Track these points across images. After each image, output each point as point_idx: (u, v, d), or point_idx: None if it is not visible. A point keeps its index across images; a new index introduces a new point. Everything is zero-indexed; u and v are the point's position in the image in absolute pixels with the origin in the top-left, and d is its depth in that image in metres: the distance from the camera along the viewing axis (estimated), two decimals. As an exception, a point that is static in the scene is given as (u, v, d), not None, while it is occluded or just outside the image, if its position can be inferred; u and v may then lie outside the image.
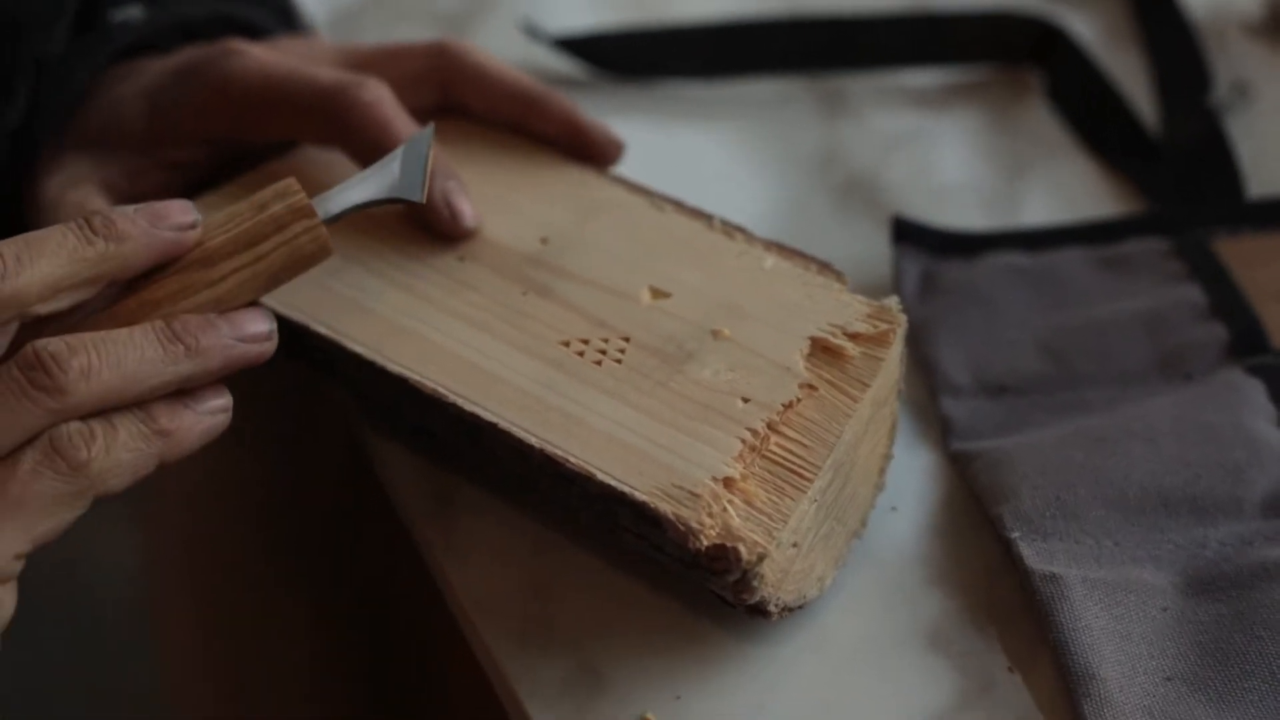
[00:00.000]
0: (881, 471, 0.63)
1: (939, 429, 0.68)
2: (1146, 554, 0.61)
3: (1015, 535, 0.61)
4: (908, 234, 0.74)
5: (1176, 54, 0.85)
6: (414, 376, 0.60)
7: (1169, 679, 0.58)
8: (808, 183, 0.81)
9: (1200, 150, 0.80)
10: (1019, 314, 0.71)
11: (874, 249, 0.75)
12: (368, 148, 0.64)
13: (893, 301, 0.62)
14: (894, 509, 0.65)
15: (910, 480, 0.66)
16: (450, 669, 0.72)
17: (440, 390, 0.59)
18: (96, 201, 0.66)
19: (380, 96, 0.64)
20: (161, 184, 0.68)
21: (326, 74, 0.65)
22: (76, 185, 0.66)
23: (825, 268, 0.63)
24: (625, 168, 0.69)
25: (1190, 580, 0.61)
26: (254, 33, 0.71)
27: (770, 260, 0.63)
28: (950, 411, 0.68)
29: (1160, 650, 0.58)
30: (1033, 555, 0.61)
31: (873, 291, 0.72)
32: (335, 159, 0.67)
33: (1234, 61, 0.85)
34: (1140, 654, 0.58)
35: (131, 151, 0.67)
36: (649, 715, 0.58)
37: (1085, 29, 0.87)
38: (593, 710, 0.58)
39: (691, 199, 0.66)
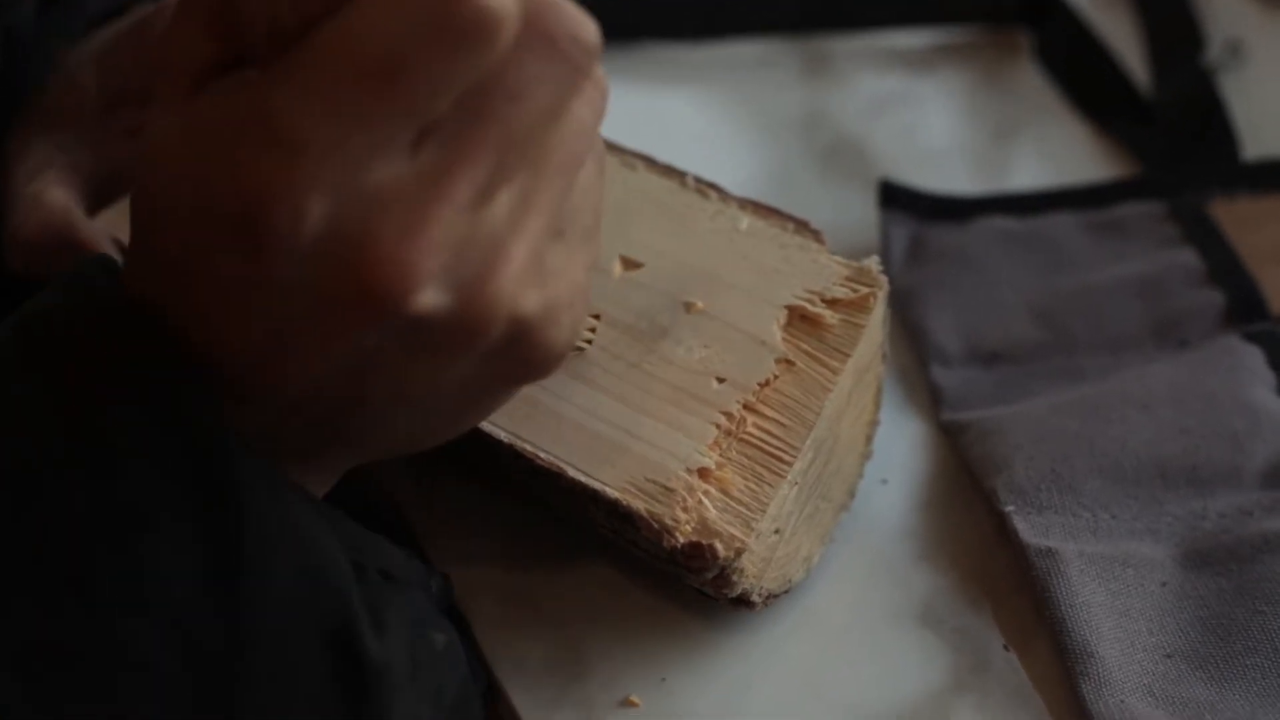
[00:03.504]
0: (868, 440, 0.61)
1: (929, 398, 0.66)
2: (1144, 526, 0.60)
3: (1010, 509, 0.60)
4: (895, 199, 0.72)
5: (1168, 13, 0.83)
6: None
7: (1169, 656, 0.56)
8: (792, 146, 0.79)
9: (1193, 111, 0.78)
10: (1011, 280, 0.69)
11: (861, 214, 0.74)
12: None
13: (872, 261, 0.59)
14: (884, 481, 0.63)
15: (900, 452, 0.64)
16: None
17: None
18: (54, 193, 0.63)
19: None
20: (126, 155, 0.66)
21: None
22: (39, 174, 0.63)
23: (802, 226, 0.60)
24: (606, 132, 0.67)
25: (1189, 553, 0.59)
26: None
27: (745, 221, 0.60)
28: (941, 380, 0.66)
29: (1160, 626, 0.57)
30: (1028, 529, 0.59)
31: (858, 258, 0.71)
32: None
33: (1226, 20, 0.83)
34: (1139, 630, 0.57)
35: (89, 124, 0.65)
36: (633, 698, 0.57)
37: (1074, -12, 0.85)
38: (576, 692, 0.57)
39: (673, 164, 0.64)
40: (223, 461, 0.43)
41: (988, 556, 0.60)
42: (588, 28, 0.43)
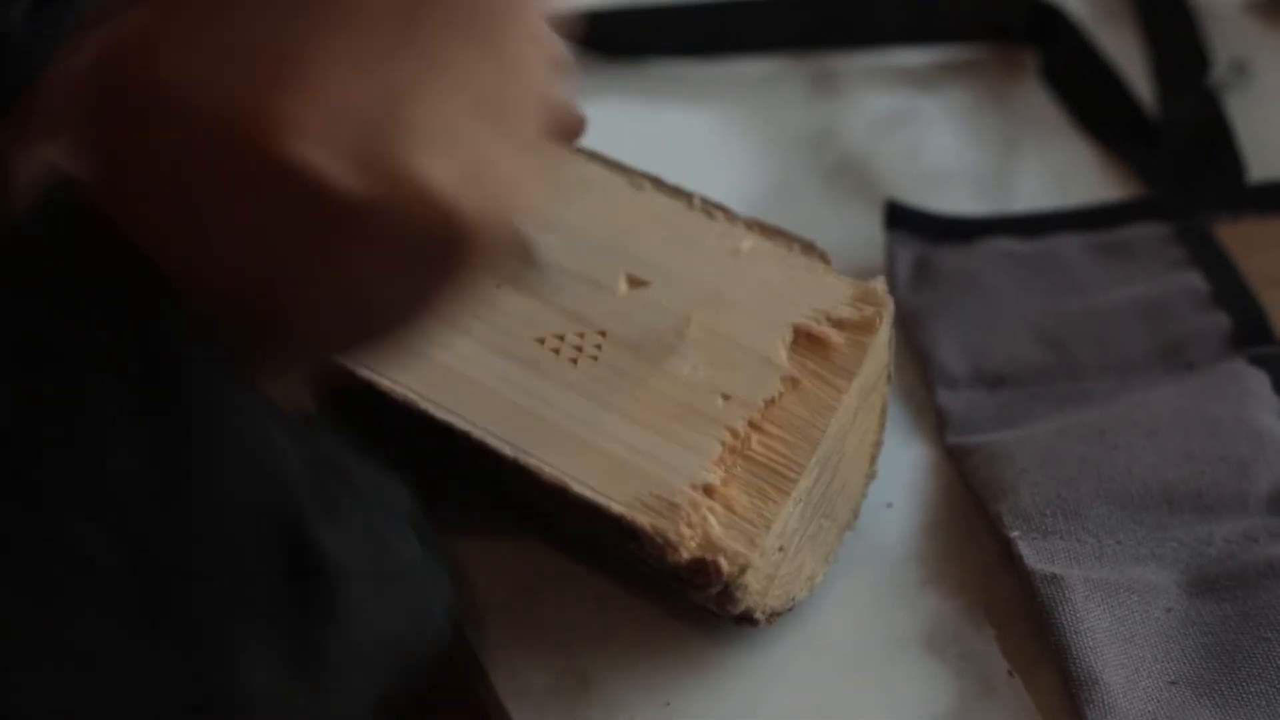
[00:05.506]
0: (872, 459, 0.61)
1: (935, 421, 0.66)
2: (1149, 552, 0.60)
3: (1015, 534, 0.60)
4: (901, 219, 0.72)
5: (1173, 32, 0.83)
6: (382, 382, 0.58)
7: (1173, 683, 0.56)
8: (798, 164, 0.79)
9: (1199, 132, 0.78)
10: (1016, 302, 0.69)
11: (866, 233, 0.73)
12: None
13: (879, 282, 0.59)
14: (889, 505, 0.63)
15: (905, 475, 0.64)
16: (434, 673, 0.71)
17: (411, 396, 0.57)
18: None
19: None
20: None
21: None
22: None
23: (809, 248, 0.61)
24: (612, 149, 0.67)
25: (1194, 579, 0.59)
26: None
27: (751, 241, 0.61)
28: (946, 404, 0.66)
29: (1164, 653, 0.57)
30: (1033, 555, 0.59)
31: (864, 278, 0.71)
32: None
33: (1232, 40, 0.83)
34: (1144, 657, 0.57)
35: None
36: (638, 722, 0.57)
37: (1079, 6, 0.85)
38: (580, 716, 0.57)
39: (679, 181, 0.64)
40: (168, 351, 0.42)
41: (992, 581, 0.60)
42: None
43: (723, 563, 0.53)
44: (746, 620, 0.56)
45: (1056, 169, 0.78)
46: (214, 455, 0.43)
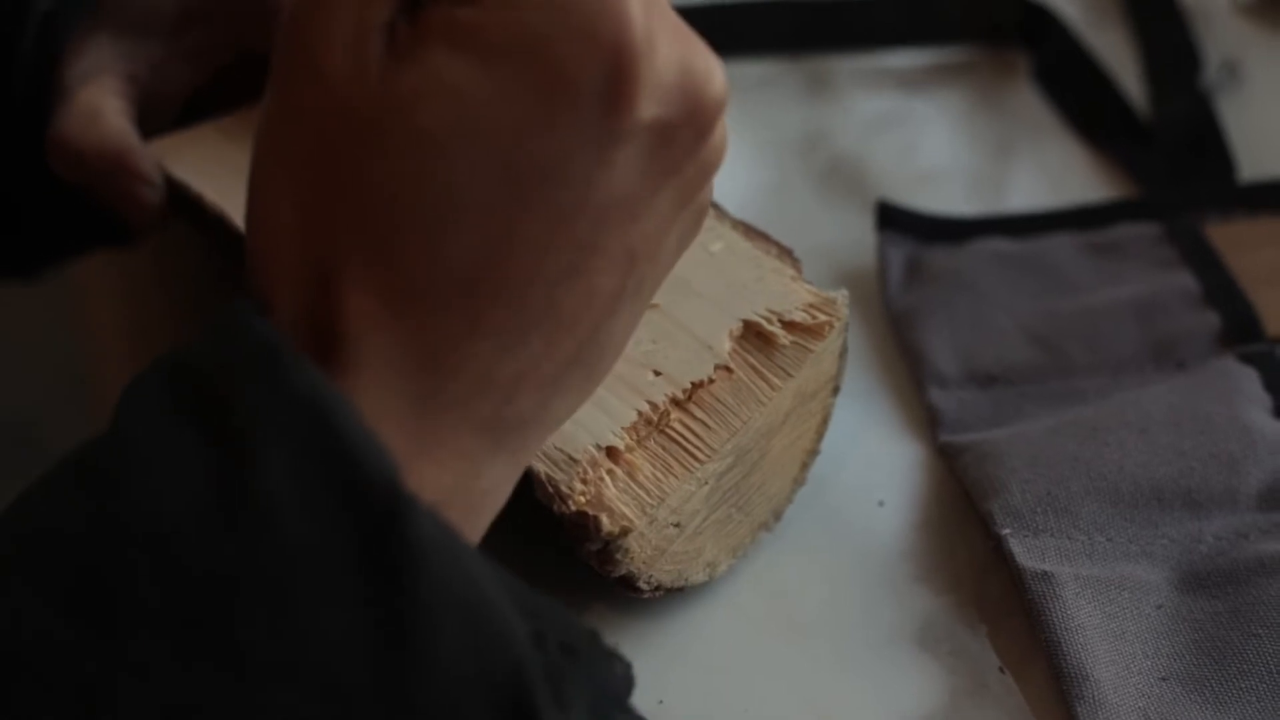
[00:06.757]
0: (804, 467, 0.62)
1: (926, 420, 0.66)
2: (1140, 549, 0.60)
3: (1006, 532, 0.60)
4: (893, 220, 0.73)
5: (1165, 33, 0.83)
6: None
7: (1164, 679, 0.56)
8: (791, 166, 0.79)
9: (1190, 133, 0.78)
10: (1008, 301, 0.69)
11: (859, 233, 0.74)
12: None
13: (841, 295, 0.60)
14: (881, 503, 0.63)
15: (897, 474, 0.64)
16: None
17: None
18: (112, 108, 0.62)
19: None
20: (186, 80, 0.65)
21: None
22: (95, 77, 0.62)
23: (785, 253, 0.62)
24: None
25: (1185, 576, 0.59)
26: None
27: (732, 239, 0.62)
28: (938, 402, 0.66)
29: (1155, 649, 0.57)
30: (1023, 552, 0.59)
31: (857, 278, 0.71)
32: None
33: (1223, 41, 0.83)
34: (1134, 653, 0.57)
35: (158, 39, 0.64)
36: (631, 720, 0.57)
37: (1071, 8, 0.85)
38: (573, 714, 0.57)
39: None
40: (394, 521, 0.40)
41: (984, 578, 0.61)
42: None
43: (604, 520, 0.54)
44: (629, 587, 0.57)
45: (1048, 169, 0.78)
46: (437, 627, 0.40)
